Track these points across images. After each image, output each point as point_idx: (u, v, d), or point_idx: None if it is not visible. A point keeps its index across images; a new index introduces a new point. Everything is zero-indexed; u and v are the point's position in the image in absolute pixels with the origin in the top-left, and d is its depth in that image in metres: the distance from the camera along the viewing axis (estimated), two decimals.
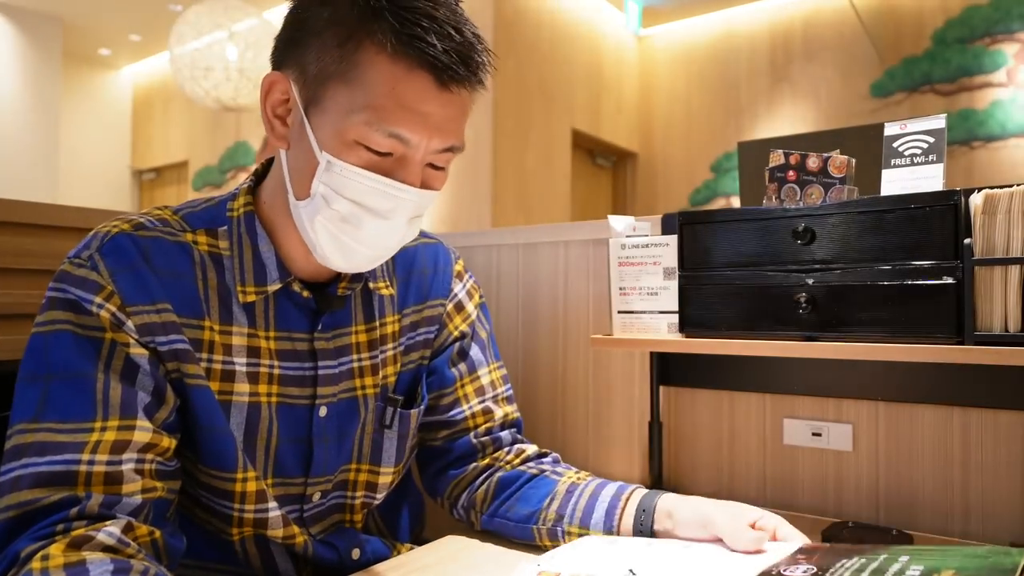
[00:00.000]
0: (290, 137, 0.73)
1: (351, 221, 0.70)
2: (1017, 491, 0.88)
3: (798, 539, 0.72)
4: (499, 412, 0.94)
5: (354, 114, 0.67)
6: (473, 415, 0.92)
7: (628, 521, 0.81)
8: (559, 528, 0.84)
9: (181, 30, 4.38)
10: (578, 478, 0.89)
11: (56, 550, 0.58)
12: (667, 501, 0.81)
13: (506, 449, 0.93)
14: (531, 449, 0.95)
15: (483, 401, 0.93)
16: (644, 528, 0.80)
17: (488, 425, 0.93)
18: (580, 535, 0.82)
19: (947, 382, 0.92)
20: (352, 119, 0.67)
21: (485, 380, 0.94)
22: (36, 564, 0.57)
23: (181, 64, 4.36)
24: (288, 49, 0.72)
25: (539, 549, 0.83)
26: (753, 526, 0.74)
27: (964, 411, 0.92)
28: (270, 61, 0.75)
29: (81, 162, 6.94)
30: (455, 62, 0.67)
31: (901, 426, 0.96)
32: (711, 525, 0.75)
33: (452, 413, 0.92)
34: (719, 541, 0.74)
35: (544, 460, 0.94)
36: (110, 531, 0.61)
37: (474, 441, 0.92)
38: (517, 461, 0.92)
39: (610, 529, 0.81)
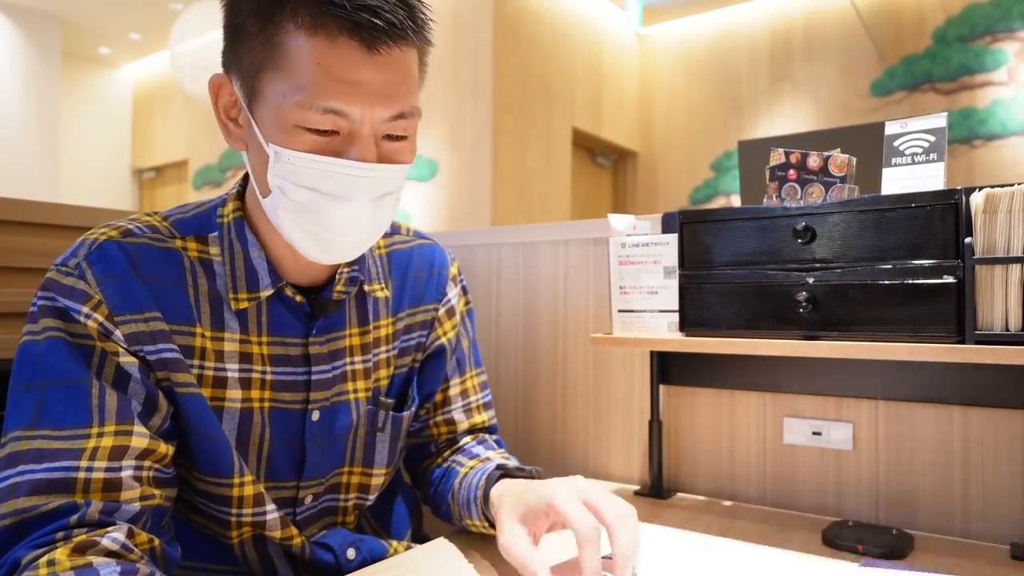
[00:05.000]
0: (245, 137, 0.72)
1: (312, 209, 0.68)
2: (1017, 491, 0.88)
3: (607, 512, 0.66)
4: (464, 422, 0.96)
5: (288, 98, 0.65)
6: (436, 424, 0.95)
7: (481, 513, 0.81)
8: (464, 522, 0.86)
9: (181, 29, 4.38)
10: (469, 468, 0.87)
11: (62, 555, 0.57)
12: (497, 489, 0.78)
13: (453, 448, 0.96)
14: (464, 440, 0.96)
15: (448, 412, 0.95)
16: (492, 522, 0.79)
17: (450, 436, 0.96)
18: (474, 526, 0.84)
19: (947, 381, 0.92)
20: (287, 103, 0.65)
21: (455, 390, 0.95)
22: (43, 570, 0.56)
23: (181, 63, 4.36)
24: (227, 51, 0.71)
25: None
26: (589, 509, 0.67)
27: (964, 410, 0.92)
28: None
29: (81, 161, 6.94)
30: (374, 20, 0.63)
31: (901, 425, 0.96)
32: (532, 512, 0.70)
33: (419, 421, 0.95)
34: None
35: (465, 447, 0.95)
36: (114, 537, 0.61)
37: (433, 449, 0.96)
38: (448, 454, 0.95)
39: (485, 517, 0.81)
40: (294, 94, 0.65)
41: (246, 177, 0.80)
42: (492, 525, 0.79)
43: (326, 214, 0.68)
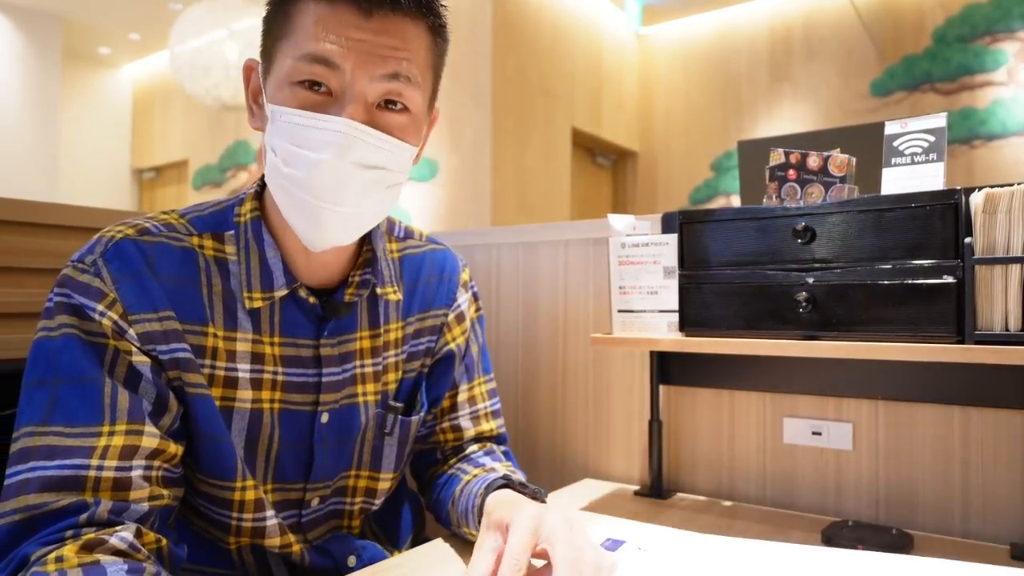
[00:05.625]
0: (265, 117, 0.73)
1: (291, 163, 0.68)
2: (1017, 491, 0.88)
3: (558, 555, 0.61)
4: (471, 429, 0.95)
5: (287, 58, 0.68)
6: (443, 430, 0.94)
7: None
8: (463, 530, 0.84)
9: (181, 29, 4.37)
10: (473, 476, 0.86)
11: (70, 551, 0.58)
12: (492, 498, 0.75)
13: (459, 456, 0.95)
14: (471, 448, 0.95)
15: (455, 418, 0.94)
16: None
17: (456, 443, 0.95)
18: (471, 534, 0.80)
19: (947, 381, 0.92)
20: (286, 62, 0.68)
21: (462, 397, 0.94)
22: (51, 566, 0.56)
23: (181, 63, 4.36)
24: (262, 40, 0.74)
25: None
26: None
27: (964, 410, 0.92)
28: None
29: (81, 161, 6.94)
30: None
31: (901, 425, 0.96)
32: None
33: (425, 426, 0.94)
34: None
35: (471, 456, 0.93)
36: (122, 536, 0.61)
37: (439, 456, 0.95)
38: (454, 461, 0.94)
39: (479, 526, 0.78)
40: (292, 51, 0.68)
41: (265, 178, 0.81)
42: None
43: (308, 172, 0.68)
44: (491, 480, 0.81)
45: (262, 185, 0.80)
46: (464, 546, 0.85)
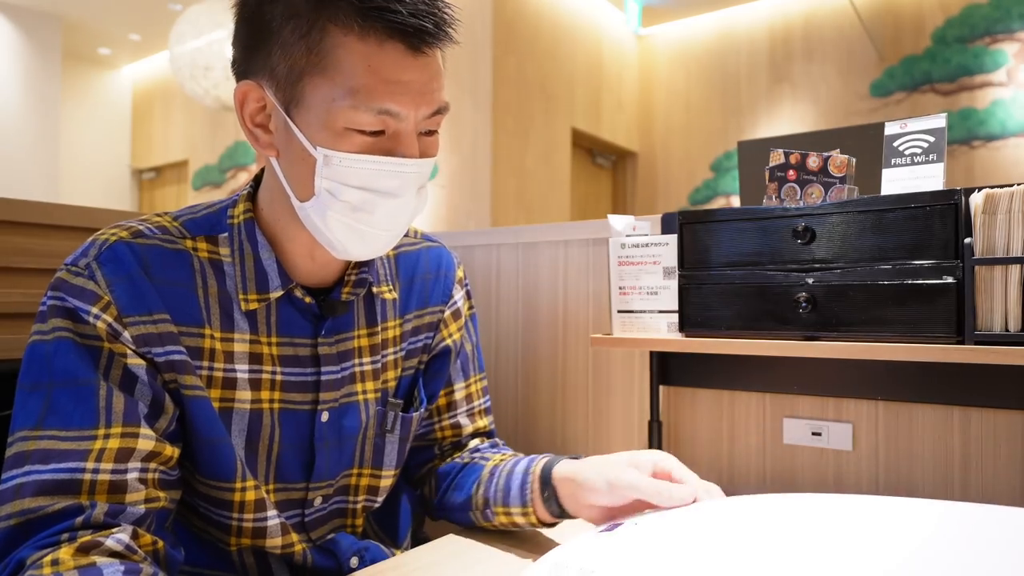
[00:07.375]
0: (277, 143, 0.72)
1: (364, 208, 0.70)
2: (1017, 491, 0.88)
3: (691, 479, 0.76)
4: (469, 426, 0.96)
5: (338, 101, 0.66)
6: (442, 428, 0.96)
7: (538, 496, 0.82)
8: (488, 511, 0.86)
9: (181, 29, 4.38)
10: (501, 459, 0.90)
11: (66, 554, 0.58)
12: (563, 468, 0.81)
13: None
14: (472, 442, 0.97)
15: (454, 416, 0.96)
16: (552, 504, 0.80)
17: (455, 439, 0.96)
18: (505, 514, 0.84)
19: (947, 382, 0.92)
20: (337, 107, 0.66)
21: (460, 395, 0.96)
22: (47, 569, 0.57)
23: (181, 63, 4.36)
24: (251, 55, 0.71)
25: (509, 536, 0.88)
26: (661, 476, 0.76)
27: (964, 411, 0.92)
28: (232, 72, 0.73)
29: (81, 161, 6.94)
30: (423, 23, 0.66)
31: (901, 426, 0.96)
32: (621, 488, 0.74)
33: (423, 424, 0.95)
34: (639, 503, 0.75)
35: (480, 448, 0.96)
36: (119, 538, 0.61)
37: (437, 451, 0.97)
38: (457, 454, 0.95)
39: (525, 504, 0.82)
40: (345, 98, 0.66)
41: (257, 179, 0.80)
42: (530, 512, 0.82)
43: (377, 212, 0.71)
44: (537, 458, 0.84)
45: (254, 186, 0.80)
46: (465, 545, 0.85)
